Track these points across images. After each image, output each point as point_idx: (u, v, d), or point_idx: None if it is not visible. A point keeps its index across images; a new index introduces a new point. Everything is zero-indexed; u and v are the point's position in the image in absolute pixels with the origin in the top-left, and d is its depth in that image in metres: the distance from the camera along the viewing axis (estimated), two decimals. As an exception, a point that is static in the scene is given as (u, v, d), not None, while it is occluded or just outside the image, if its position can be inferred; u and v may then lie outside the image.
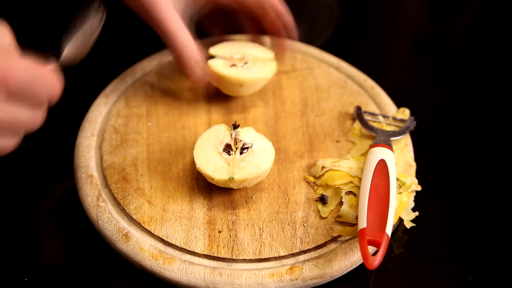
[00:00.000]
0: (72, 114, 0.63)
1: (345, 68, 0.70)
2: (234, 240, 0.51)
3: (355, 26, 0.87)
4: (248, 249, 0.50)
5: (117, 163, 0.57)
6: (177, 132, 0.61)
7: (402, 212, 0.54)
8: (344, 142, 0.61)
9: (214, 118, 0.63)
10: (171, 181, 0.56)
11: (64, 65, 0.50)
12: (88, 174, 0.56)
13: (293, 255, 0.50)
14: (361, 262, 0.50)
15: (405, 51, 0.84)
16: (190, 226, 0.52)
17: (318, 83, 0.67)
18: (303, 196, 0.55)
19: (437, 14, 0.91)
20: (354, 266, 0.50)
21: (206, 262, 0.50)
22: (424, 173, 0.58)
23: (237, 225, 0.52)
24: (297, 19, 0.67)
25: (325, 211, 0.53)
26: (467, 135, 0.67)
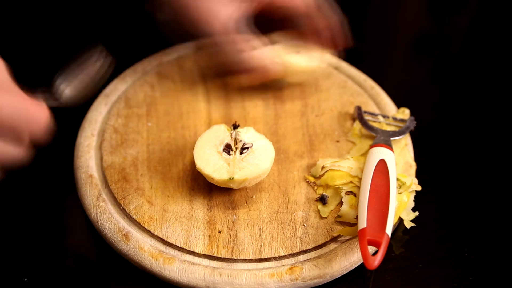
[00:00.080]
0: (72, 114, 0.63)
1: (345, 68, 0.70)
2: (234, 240, 0.51)
3: (355, 26, 0.87)
4: (248, 249, 0.50)
5: (117, 163, 0.57)
6: (177, 132, 0.61)
7: (402, 212, 0.54)
8: (344, 142, 0.61)
9: (214, 118, 0.63)
10: (171, 181, 0.56)
11: (61, 105, 0.49)
12: (88, 174, 0.56)
13: (293, 255, 0.50)
14: (361, 262, 0.50)
15: (405, 51, 0.84)
16: (190, 226, 0.52)
17: (318, 83, 0.67)
18: (303, 196, 0.55)
19: (437, 14, 0.91)
20: (354, 266, 0.50)
21: (206, 262, 0.50)
22: (424, 173, 0.58)
23: (237, 225, 0.52)
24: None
25: (325, 211, 0.53)
26: (467, 135, 0.67)
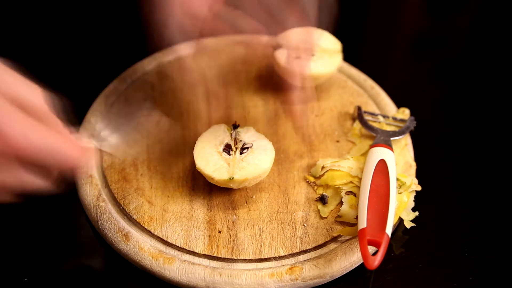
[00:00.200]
0: (73, 114, 0.63)
1: (345, 68, 0.70)
2: (234, 240, 0.51)
3: (355, 26, 0.87)
4: (248, 249, 0.50)
5: (117, 163, 0.57)
6: (177, 132, 0.61)
7: (402, 212, 0.54)
8: (344, 142, 0.61)
9: (214, 118, 0.63)
10: (171, 181, 0.56)
11: (100, 148, 0.48)
12: (88, 174, 0.56)
13: (293, 255, 0.50)
14: (361, 262, 0.50)
15: (405, 51, 0.84)
16: (190, 226, 0.52)
17: (318, 83, 0.67)
18: (303, 196, 0.55)
19: (437, 14, 0.91)
20: (354, 266, 0.50)
21: (206, 262, 0.50)
22: (424, 173, 0.58)
23: (237, 225, 0.52)
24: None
25: (325, 211, 0.53)
26: (467, 135, 0.67)
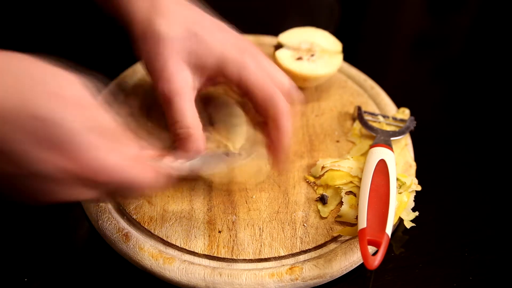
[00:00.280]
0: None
1: (345, 68, 0.70)
2: (234, 240, 0.51)
3: (355, 26, 0.87)
4: (248, 249, 0.50)
5: (117, 163, 0.57)
6: (177, 132, 0.61)
7: (402, 212, 0.53)
8: (344, 142, 0.61)
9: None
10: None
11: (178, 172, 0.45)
12: (88, 174, 0.56)
13: (293, 255, 0.50)
14: (361, 262, 0.50)
15: (405, 51, 0.84)
16: (190, 226, 0.52)
17: (318, 83, 0.67)
18: (303, 196, 0.55)
19: (437, 14, 0.91)
20: (354, 266, 0.50)
21: (206, 262, 0.50)
22: (424, 173, 0.58)
23: (237, 225, 0.52)
24: (297, 19, 0.67)
25: (325, 211, 0.53)
26: (467, 135, 0.67)
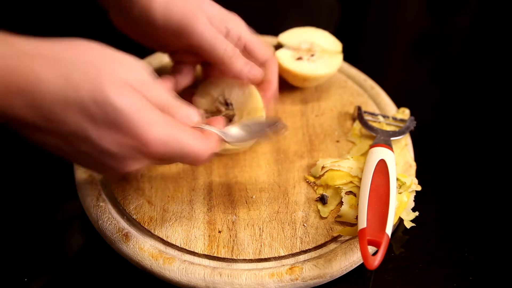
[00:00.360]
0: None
1: (345, 68, 0.70)
2: (234, 240, 0.51)
3: (355, 26, 0.87)
4: (248, 249, 0.50)
5: (117, 163, 0.57)
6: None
7: (402, 212, 0.53)
8: (344, 142, 0.61)
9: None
10: (171, 181, 0.56)
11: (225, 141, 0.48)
12: (88, 174, 0.56)
13: (293, 255, 0.50)
14: (361, 262, 0.50)
15: (405, 51, 0.84)
16: (190, 226, 0.52)
17: (318, 83, 0.67)
18: (303, 196, 0.55)
19: (437, 14, 0.91)
20: (354, 266, 0.50)
21: (206, 262, 0.50)
22: (424, 173, 0.58)
23: (237, 225, 0.52)
24: (297, 19, 0.67)
25: (325, 211, 0.53)
26: (467, 135, 0.67)
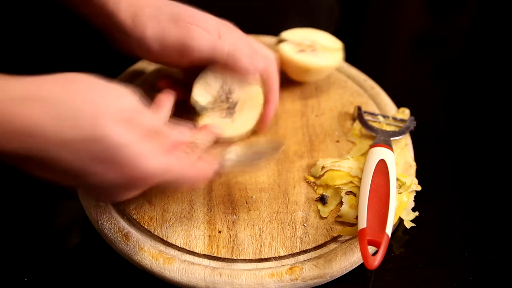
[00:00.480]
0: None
1: (345, 68, 0.70)
2: (234, 240, 0.51)
3: (355, 26, 0.87)
4: (248, 249, 0.50)
5: (117, 163, 0.57)
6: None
7: (402, 212, 0.53)
8: (344, 142, 0.61)
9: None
10: (171, 181, 0.56)
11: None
12: (88, 174, 0.56)
13: (293, 255, 0.50)
14: (361, 262, 0.50)
15: (405, 51, 0.84)
16: (190, 226, 0.52)
17: (318, 83, 0.67)
18: (303, 196, 0.55)
19: (437, 14, 0.91)
20: (354, 266, 0.50)
21: (206, 262, 0.50)
22: (424, 173, 0.58)
23: (237, 225, 0.52)
24: (297, 19, 0.67)
25: (325, 211, 0.53)
26: (467, 135, 0.67)
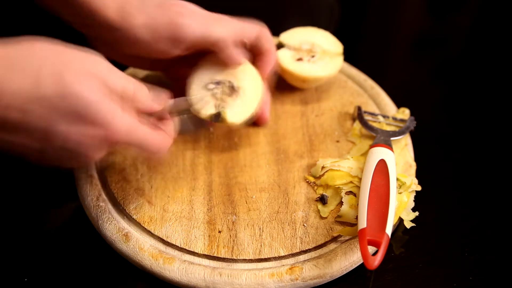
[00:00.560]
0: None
1: (345, 68, 0.70)
2: (234, 240, 0.51)
3: (355, 26, 0.87)
4: (248, 249, 0.50)
5: (117, 163, 0.57)
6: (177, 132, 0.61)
7: (402, 212, 0.54)
8: (344, 142, 0.61)
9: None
10: (171, 181, 0.56)
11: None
12: (88, 174, 0.56)
13: (293, 255, 0.50)
14: (361, 262, 0.50)
15: (405, 51, 0.84)
16: (190, 226, 0.52)
17: (318, 84, 0.67)
18: (303, 196, 0.55)
19: (437, 14, 0.91)
20: (354, 266, 0.50)
21: (206, 262, 0.50)
22: (424, 173, 0.58)
23: (237, 225, 0.52)
24: (298, 19, 0.67)
25: (325, 211, 0.53)
26: (467, 135, 0.67)
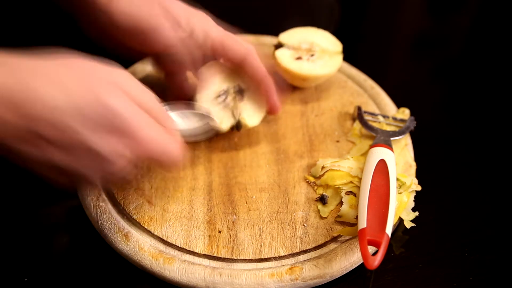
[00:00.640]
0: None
1: (345, 68, 0.70)
2: (234, 240, 0.51)
3: (355, 26, 0.87)
4: (248, 249, 0.50)
5: (117, 163, 0.57)
6: (177, 132, 0.61)
7: (402, 212, 0.54)
8: (344, 142, 0.61)
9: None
10: (171, 181, 0.56)
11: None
12: (88, 174, 0.56)
13: (293, 255, 0.50)
14: (361, 262, 0.50)
15: (405, 51, 0.84)
16: (190, 226, 0.52)
17: (317, 83, 0.67)
18: (303, 196, 0.55)
19: (437, 14, 0.91)
20: (354, 266, 0.50)
21: (206, 262, 0.50)
22: (424, 173, 0.58)
23: (237, 225, 0.52)
24: (297, 19, 0.67)
25: (325, 211, 0.53)
26: (467, 135, 0.67)
